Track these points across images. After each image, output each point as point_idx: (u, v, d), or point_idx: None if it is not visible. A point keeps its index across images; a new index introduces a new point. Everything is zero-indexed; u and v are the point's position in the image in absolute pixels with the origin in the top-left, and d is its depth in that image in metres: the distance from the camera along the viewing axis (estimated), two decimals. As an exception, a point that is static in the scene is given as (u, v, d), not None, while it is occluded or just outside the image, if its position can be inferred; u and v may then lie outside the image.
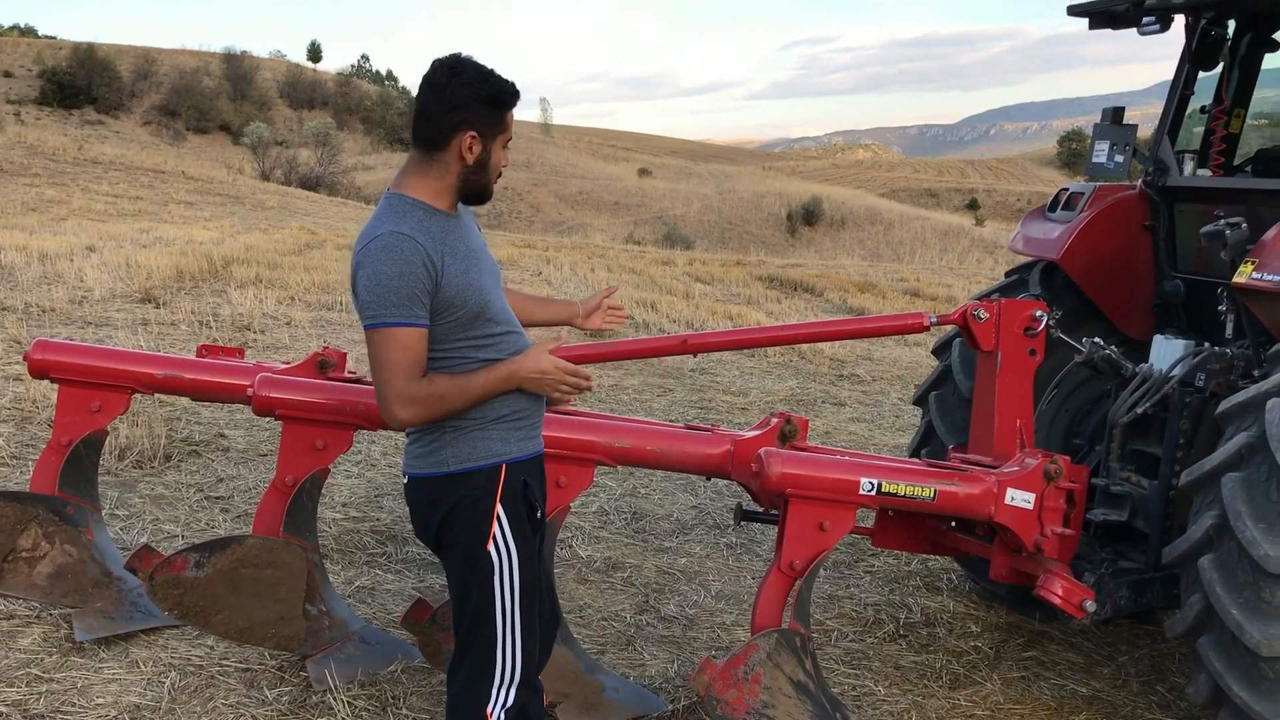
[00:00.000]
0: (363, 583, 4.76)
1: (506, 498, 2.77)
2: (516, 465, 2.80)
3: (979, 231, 54.36)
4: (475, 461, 2.75)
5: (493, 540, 2.75)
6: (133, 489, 5.56)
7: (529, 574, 2.81)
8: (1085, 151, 4.87)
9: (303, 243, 16.67)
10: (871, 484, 3.40)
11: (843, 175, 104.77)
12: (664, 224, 59.12)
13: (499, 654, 2.77)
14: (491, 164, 2.75)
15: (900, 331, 4.36)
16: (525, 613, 2.80)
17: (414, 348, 2.62)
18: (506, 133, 2.76)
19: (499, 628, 2.76)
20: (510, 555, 2.76)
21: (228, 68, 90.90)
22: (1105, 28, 4.70)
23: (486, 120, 2.70)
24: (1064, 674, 4.49)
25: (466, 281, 2.69)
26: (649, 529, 5.83)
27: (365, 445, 6.59)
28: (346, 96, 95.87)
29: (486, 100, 2.68)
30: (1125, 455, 4.33)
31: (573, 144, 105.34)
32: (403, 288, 2.57)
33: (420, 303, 2.60)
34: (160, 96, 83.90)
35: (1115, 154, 4.68)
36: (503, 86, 2.71)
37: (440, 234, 2.67)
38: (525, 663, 2.81)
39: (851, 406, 9.13)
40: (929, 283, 19.57)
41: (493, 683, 2.77)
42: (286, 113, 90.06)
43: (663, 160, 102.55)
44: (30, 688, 3.63)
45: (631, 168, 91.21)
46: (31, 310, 9.21)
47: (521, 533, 2.79)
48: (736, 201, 68.63)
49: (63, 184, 25.26)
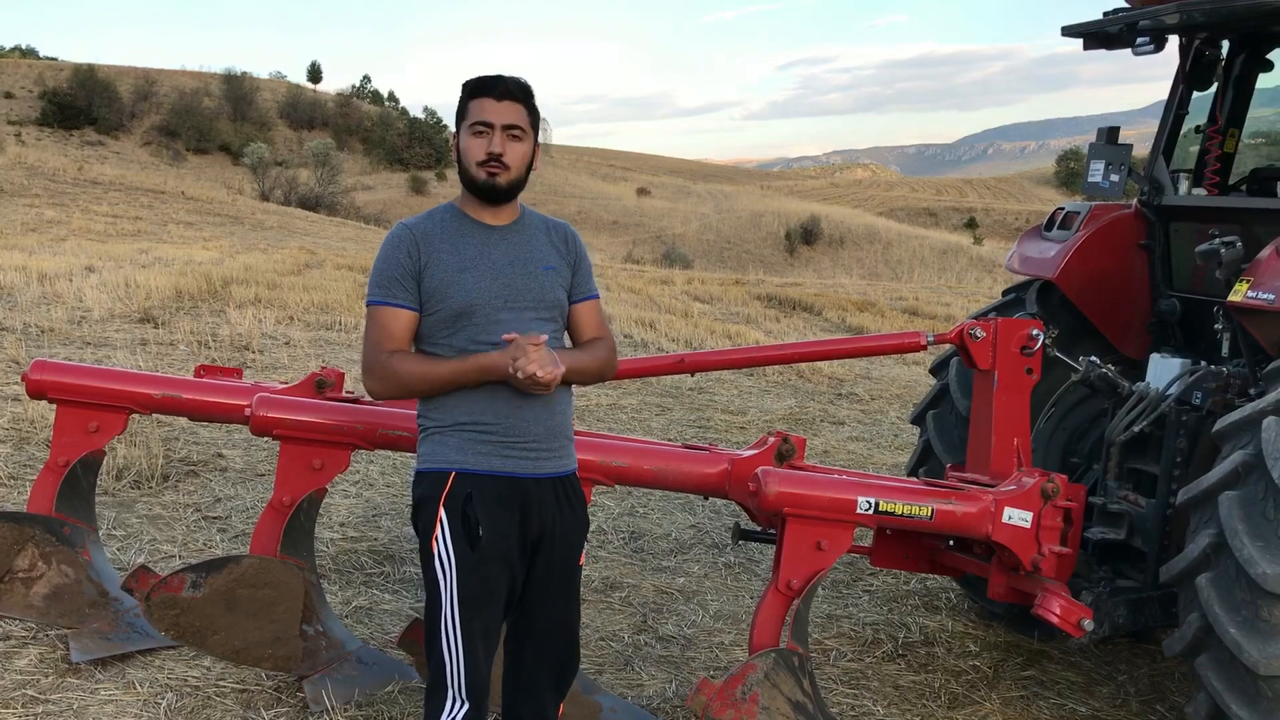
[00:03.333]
0: (360, 603, 4.75)
1: (448, 505, 2.77)
2: (466, 476, 2.78)
3: (977, 250, 54.45)
4: (431, 463, 2.84)
5: (436, 542, 2.78)
6: (130, 509, 5.56)
7: (470, 589, 2.76)
8: (1082, 171, 4.87)
9: (302, 263, 16.70)
10: (869, 503, 3.40)
11: (841, 194, 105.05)
12: (663, 243, 59.21)
13: (445, 665, 2.77)
14: (463, 152, 2.83)
15: (898, 350, 4.37)
16: (464, 627, 2.76)
17: (386, 325, 2.80)
18: (469, 119, 2.81)
19: (443, 638, 2.77)
20: (450, 563, 2.76)
21: (228, 88, 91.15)
22: (1100, 48, 4.73)
23: (460, 114, 2.84)
24: (1063, 693, 4.48)
25: (451, 280, 2.78)
26: (647, 548, 5.82)
27: (363, 465, 6.58)
28: (347, 117, 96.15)
29: (462, 96, 2.83)
30: (1123, 474, 4.33)
31: (571, 164, 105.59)
32: (384, 269, 2.81)
33: (400, 285, 2.79)
34: (160, 117, 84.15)
35: (1111, 173, 4.70)
36: (477, 81, 2.82)
37: (449, 231, 2.83)
38: (468, 677, 2.77)
39: (850, 425, 9.13)
40: (928, 301, 19.61)
41: (445, 694, 2.78)
42: (286, 133, 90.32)
43: (661, 180, 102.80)
44: (26, 709, 3.62)
45: (630, 187, 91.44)
46: (30, 330, 9.21)
47: (459, 544, 2.76)
48: (735, 220, 68.77)
49: (62, 204, 25.33)
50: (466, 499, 2.77)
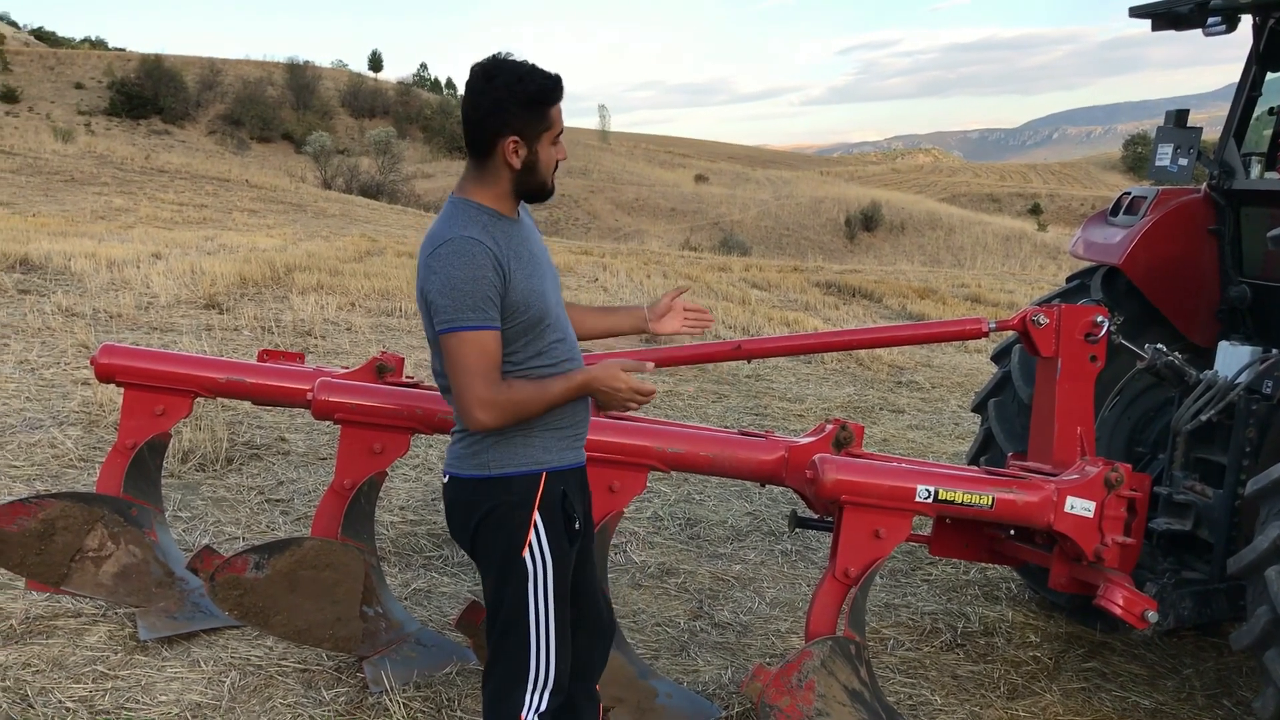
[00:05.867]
0: (419, 585, 4.80)
1: (545, 506, 2.75)
2: (556, 475, 2.78)
3: (1041, 236, 53.68)
4: (516, 467, 2.73)
5: (529, 548, 2.73)
6: (195, 491, 5.66)
7: (564, 583, 2.79)
8: (1150, 155, 4.77)
9: (363, 250, 16.87)
10: (928, 491, 3.37)
11: (902, 180, 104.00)
12: (720, 230, 59.04)
13: (532, 660, 2.76)
14: (541, 164, 2.70)
15: (959, 337, 4.31)
16: (559, 620, 2.78)
17: (490, 350, 2.61)
18: (553, 129, 2.69)
19: (532, 635, 2.75)
20: (545, 564, 2.74)
21: (290, 77, 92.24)
22: (1169, 29, 4.62)
23: (527, 122, 2.64)
24: (1126, 686, 4.41)
25: (530, 286, 2.68)
26: (703, 535, 5.82)
27: (422, 449, 6.65)
28: (407, 105, 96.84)
29: (524, 102, 2.62)
30: (1189, 463, 4.24)
31: (629, 151, 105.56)
32: (476, 291, 2.56)
33: (493, 304, 2.59)
34: (225, 106, 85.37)
35: (1179, 157, 4.60)
36: (540, 84, 2.63)
37: (505, 238, 2.66)
38: (559, 669, 2.80)
39: (910, 414, 9.05)
40: (990, 288, 19.36)
41: (526, 688, 2.76)
42: (348, 121, 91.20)
43: (719, 166, 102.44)
44: (96, 684, 3.71)
45: (688, 174, 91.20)
46: (99, 316, 9.41)
47: (558, 542, 2.76)
48: (794, 207, 68.39)
49: (130, 193, 25.80)
50: (562, 496, 2.78)
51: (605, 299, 13.09)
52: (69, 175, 27.45)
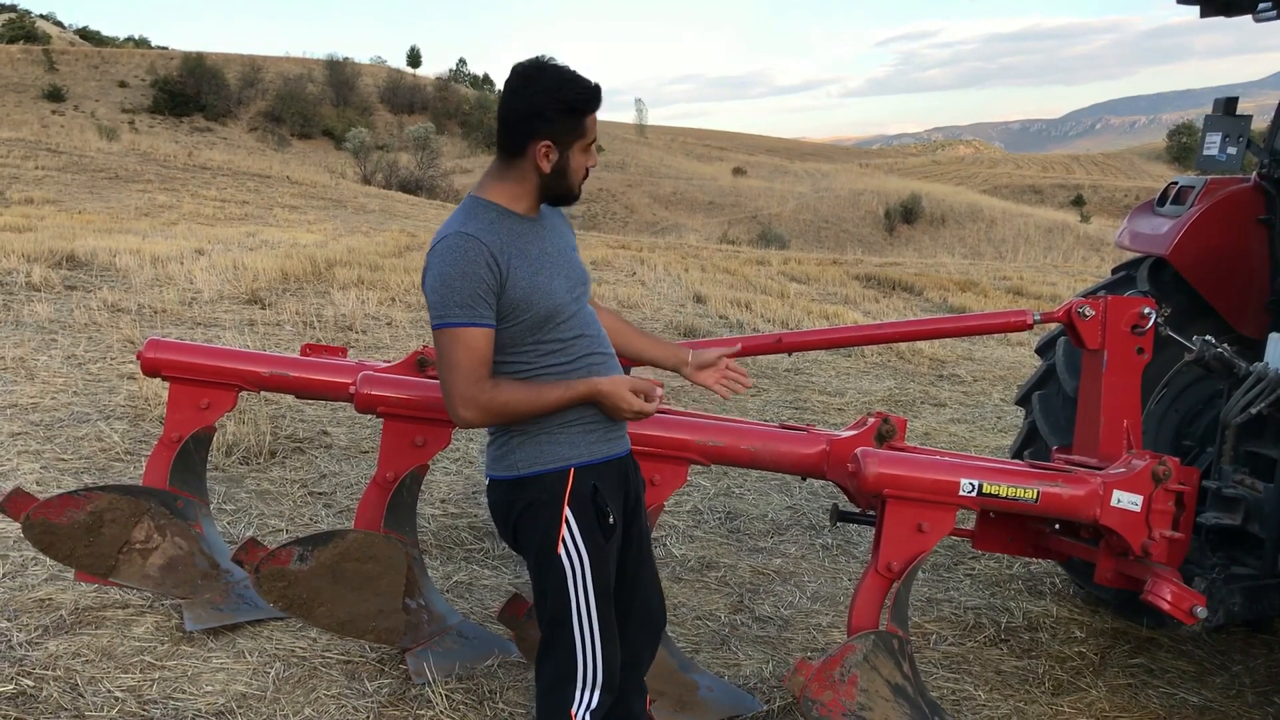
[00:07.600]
0: (460, 578, 4.82)
1: (574, 502, 2.73)
2: (586, 469, 2.76)
3: (1084, 228, 53.07)
4: (542, 465, 2.73)
5: (563, 544, 2.73)
6: (239, 484, 5.72)
7: (603, 578, 2.78)
8: (1195, 145, 4.69)
9: (403, 245, 16.94)
10: (972, 485, 3.34)
11: (943, 172, 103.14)
12: (759, 223, 58.84)
13: (579, 657, 2.76)
14: (571, 170, 2.71)
15: (1002, 330, 4.27)
16: (602, 617, 2.77)
17: (477, 348, 2.62)
18: (586, 138, 2.70)
19: (576, 632, 2.75)
20: (582, 559, 2.73)
21: (330, 74, 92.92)
22: (1217, 15, 4.55)
23: (562, 128, 2.65)
24: (1173, 682, 4.35)
25: (534, 285, 2.67)
26: (743, 529, 5.80)
27: (463, 443, 6.68)
28: (445, 101, 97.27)
29: (562, 108, 2.63)
30: (1239, 457, 4.17)
31: (667, 144, 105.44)
32: (466, 288, 2.58)
33: (485, 303, 2.61)
34: (266, 103, 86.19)
35: (1228, 146, 4.52)
36: (579, 93, 2.64)
37: (510, 236, 2.66)
38: (606, 665, 2.79)
39: (952, 407, 8.97)
40: (1032, 281, 19.13)
41: (575, 685, 2.77)
42: (387, 117, 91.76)
43: (757, 159, 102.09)
44: (144, 674, 3.76)
45: (726, 167, 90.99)
46: (144, 311, 9.52)
47: (592, 537, 2.75)
48: (833, 200, 68.01)
49: (173, 189, 26.06)
50: (593, 491, 2.76)
51: (643, 293, 13.06)
52: (113, 173, 27.77)
